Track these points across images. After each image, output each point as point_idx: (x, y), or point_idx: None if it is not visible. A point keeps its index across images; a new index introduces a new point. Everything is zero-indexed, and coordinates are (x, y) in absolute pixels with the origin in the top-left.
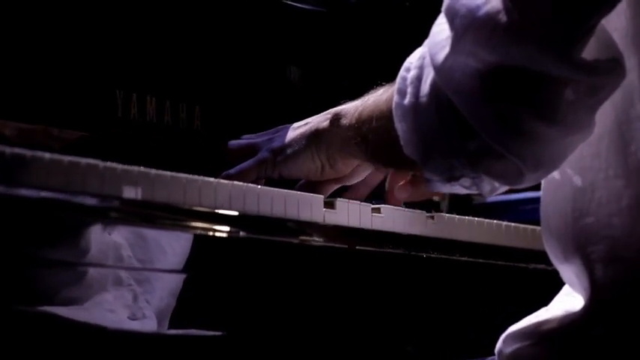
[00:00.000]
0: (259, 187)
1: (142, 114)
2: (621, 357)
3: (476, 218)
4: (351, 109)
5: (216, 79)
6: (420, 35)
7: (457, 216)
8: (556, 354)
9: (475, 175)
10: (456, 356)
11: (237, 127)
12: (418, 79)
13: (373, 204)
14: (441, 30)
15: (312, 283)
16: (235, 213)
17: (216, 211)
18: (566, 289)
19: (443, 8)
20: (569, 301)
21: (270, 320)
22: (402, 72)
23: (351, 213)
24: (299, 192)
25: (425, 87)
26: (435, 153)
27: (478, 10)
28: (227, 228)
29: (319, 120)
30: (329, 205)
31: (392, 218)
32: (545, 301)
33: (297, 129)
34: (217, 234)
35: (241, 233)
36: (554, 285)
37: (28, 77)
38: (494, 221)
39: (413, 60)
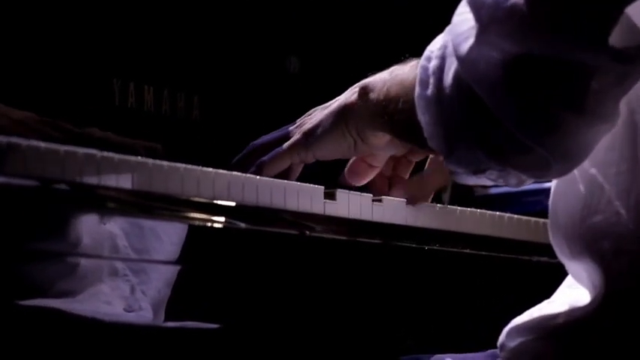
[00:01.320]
0: (258, 177)
1: (139, 103)
2: (630, 352)
3: (478, 210)
4: (378, 83)
5: (215, 68)
6: (422, 26)
7: (459, 208)
8: (562, 349)
9: (501, 167)
10: (457, 349)
11: (236, 117)
12: (440, 70)
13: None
14: (463, 20)
15: (312, 275)
16: (234, 203)
17: (215, 201)
18: (568, 280)
19: None
20: (572, 293)
21: (268, 312)
22: (422, 61)
23: (352, 204)
24: (299, 182)
25: (448, 78)
26: (460, 145)
27: (506, 0)
28: (225, 219)
29: (347, 95)
30: (329, 195)
31: (393, 209)
32: (549, 294)
33: (326, 108)
34: (216, 225)
35: (240, 224)
36: (557, 277)
37: (25, 66)
38: (497, 213)
39: (434, 49)
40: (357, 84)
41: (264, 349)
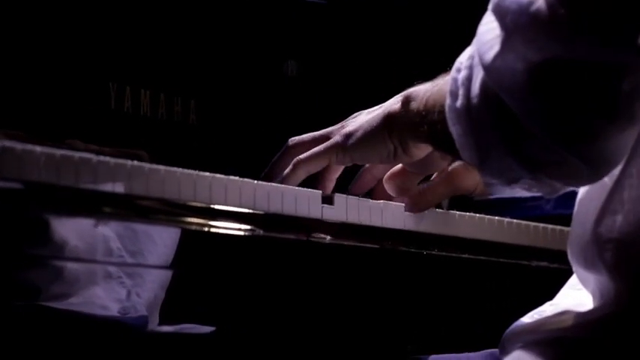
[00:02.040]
0: (255, 181)
1: (135, 107)
2: None
3: (477, 214)
4: (421, 92)
5: (212, 72)
6: (420, 30)
7: (458, 212)
8: (565, 355)
9: (533, 176)
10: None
11: (233, 121)
12: (468, 80)
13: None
14: (489, 29)
15: (308, 280)
16: (231, 208)
17: (212, 206)
18: (571, 281)
19: (490, 7)
20: (575, 295)
21: (262, 316)
22: (452, 72)
23: (350, 209)
24: (297, 187)
25: (475, 88)
26: (491, 155)
27: (531, 5)
28: (223, 223)
29: (392, 102)
30: (327, 200)
31: (392, 214)
32: (549, 299)
33: (370, 112)
34: (213, 230)
35: (236, 228)
36: (557, 282)
37: (21, 70)
38: (496, 218)
39: (463, 60)
40: (402, 92)
41: (259, 355)
